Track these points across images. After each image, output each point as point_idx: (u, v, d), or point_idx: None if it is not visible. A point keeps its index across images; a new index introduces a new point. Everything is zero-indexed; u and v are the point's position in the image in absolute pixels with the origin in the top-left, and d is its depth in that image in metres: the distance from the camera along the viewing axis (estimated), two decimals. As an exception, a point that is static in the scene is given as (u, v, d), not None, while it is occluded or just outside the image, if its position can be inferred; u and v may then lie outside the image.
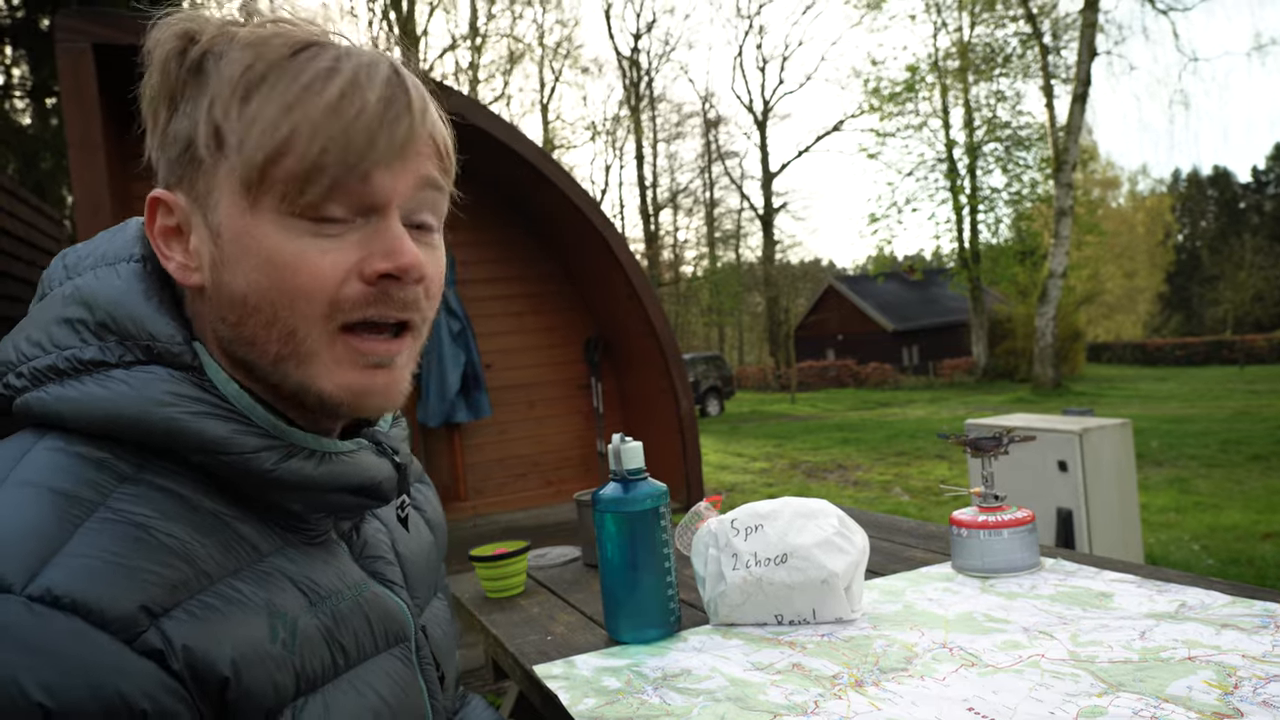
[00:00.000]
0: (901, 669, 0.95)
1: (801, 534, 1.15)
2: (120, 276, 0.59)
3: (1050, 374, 18.69)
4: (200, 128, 0.56)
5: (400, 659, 0.65)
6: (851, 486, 8.67)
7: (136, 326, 0.56)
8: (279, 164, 0.54)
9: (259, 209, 0.55)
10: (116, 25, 3.33)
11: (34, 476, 0.50)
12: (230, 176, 0.56)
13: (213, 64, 0.56)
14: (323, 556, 0.61)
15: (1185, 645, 0.92)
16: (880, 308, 32.74)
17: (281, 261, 0.55)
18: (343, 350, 0.57)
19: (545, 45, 30.24)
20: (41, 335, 0.57)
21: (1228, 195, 49.44)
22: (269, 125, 0.54)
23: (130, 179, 4.06)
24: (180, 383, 0.55)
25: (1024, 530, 1.25)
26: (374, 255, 0.57)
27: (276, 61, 0.55)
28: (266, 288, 0.55)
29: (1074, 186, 18.84)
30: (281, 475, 0.57)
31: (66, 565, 0.46)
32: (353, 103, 0.55)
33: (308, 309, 0.56)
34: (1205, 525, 5.85)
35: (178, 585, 0.49)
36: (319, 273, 0.56)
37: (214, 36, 0.57)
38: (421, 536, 0.77)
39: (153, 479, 0.53)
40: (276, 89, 0.55)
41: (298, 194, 0.55)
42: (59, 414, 0.54)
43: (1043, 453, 3.86)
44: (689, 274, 36.40)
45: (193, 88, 0.57)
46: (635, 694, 0.97)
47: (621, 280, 4.68)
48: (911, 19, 26.49)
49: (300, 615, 0.56)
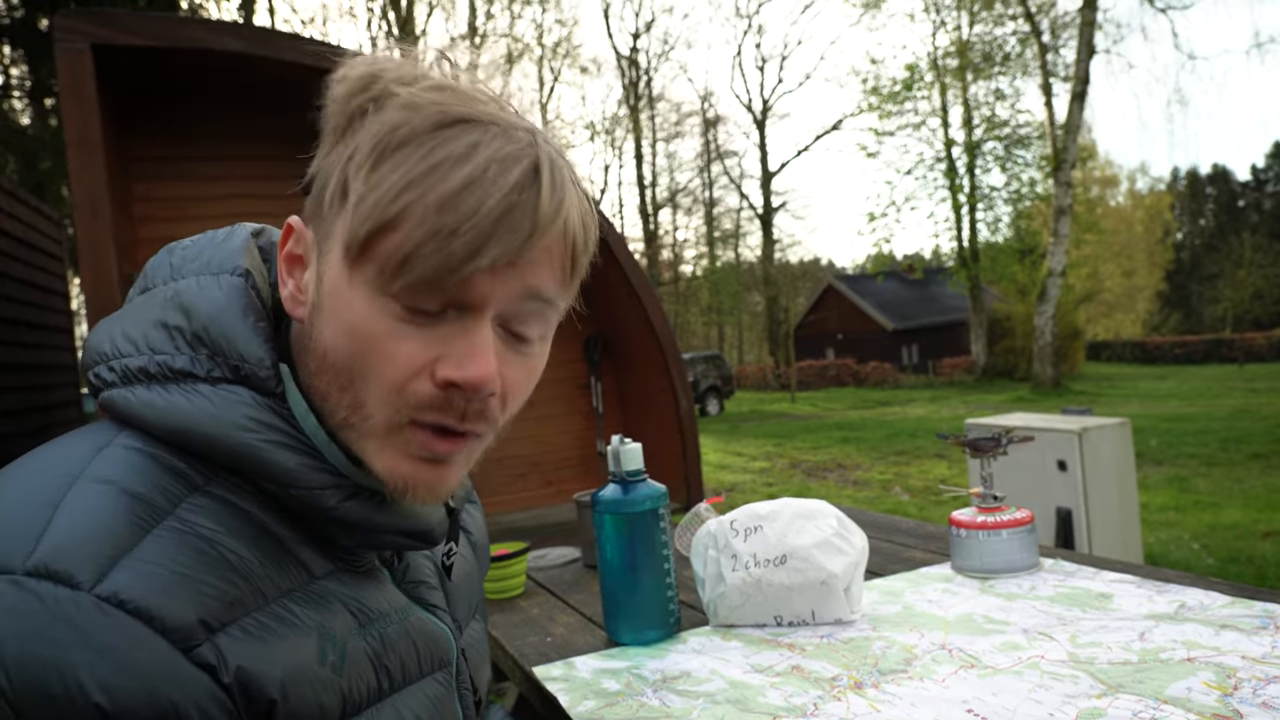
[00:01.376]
0: (901, 670, 0.95)
1: (801, 535, 1.15)
2: (222, 289, 0.59)
3: (1049, 373, 18.70)
4: (335, 175, 0.55)
5: (441, 684, 0.65)
6: (851, 486, 8.67)
7: (229, 344, 0.57)
8: (381, 240, 0.52)
9: (355, 276, 0.54)
10: (115, 25, 3.33)
11: (109, 473, 0.51)
12: (341, 232, 0.54)
13: (371, 114, 0.55)
14: (369, 582, 0.62)
15: (1185, 646, 0.92)
16: (880, 307, 32.75)
17: (362, 335, 0.54)
18: (401, 439, 0.56)
19: (544, 45, 30.25)
20: (138, 334, 0.58)
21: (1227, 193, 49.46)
22: (384, 199, 0.52)
23: (130, 179, 4.06)
24: (261, 409, 0.56)
25: (1023, 530, 1.25)
26: (448, 358, 0.54)
27: (417, 132, 0.53)
28: (345, 353, 0.55)
29: (1073, 185, 18.84)
30: (343, 514, 0.57)
31: (134, 569, 0.47)
32: (468, 201, 0.51)
33: (377, 390, 0.54)
34: (1205, 524, 5.85)
35: (235, 602, 0.50)
36: (393, 360, 0.54)
37: (383, 88, 0.55)
38: (465, 560, 0.78)
39: (220, 492, 0.54)
40: (405, 163, 0.52)
41: (391, 277, 0.52)
42: (142, 417, 0.55)
43: (1042, 452, 3.86)
44: (688, 273, 36.41)
45: (349, 132, 0.56)
46: (635, 696, 0.97)
47: (621, 279, 4.68)
48: (910, 18, 26.55)
49: (349, 638, 0.56)
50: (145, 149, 4.10)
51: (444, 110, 0.54)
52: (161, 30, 3.49)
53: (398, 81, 0.55)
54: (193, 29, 3.81)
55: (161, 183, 4.11)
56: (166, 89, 3.98)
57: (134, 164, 4.07)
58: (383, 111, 0.54)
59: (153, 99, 4.05)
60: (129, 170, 4.05)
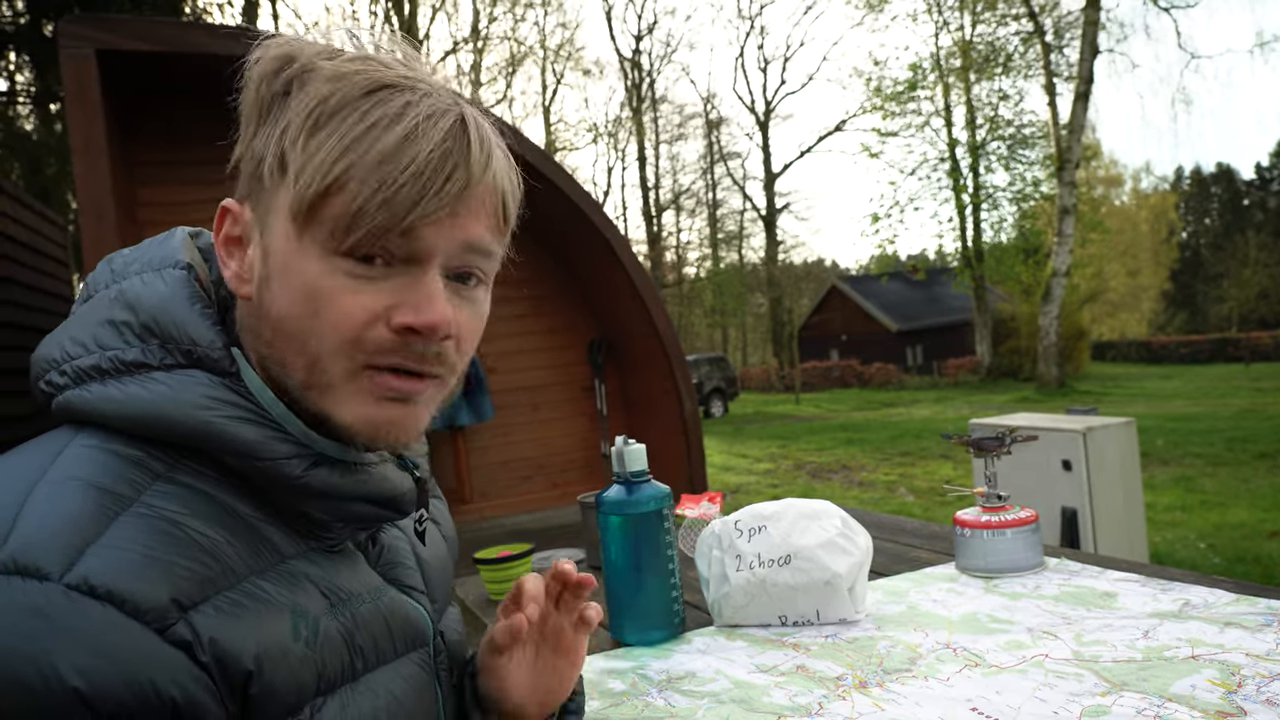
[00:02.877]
0: (905, 670, 0.95)
1: (805, 535, 1.15)
2: (165, 282, 0.60)
3: (1054, 373, 18.65)
4: (270, 151, 0.58)
5: (418, 664, 0.66)
6: (856, 487, 8.66)
7: (179, 331, 0.58)
8: (328, 202, 0.55)
9: (305, 240, 0.57)
10: (120, 31, 3.35)
11: (71, 471, 0.52)
12: (285, 203, 0.57)
13: (296, 90, 0.58)
14: (341, 562, 0.63)
15: (1189, 644, 0.91)
16: (884, 308, 32.70)
17: (315, 294, 0.56)
18: (363, 383, 0.58)
19: (547, 47, 30.29)
20: (86, 336, 0.59)
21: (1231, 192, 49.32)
22: (325, 163, 0.55)
23: (134, 184, 4.07)
24: (217, 387, 0.57)
25: (1027, 530, 1.24)
26: (403, 306, 0.57)
27: (348, 100, 0.56)
28: (299, 315, 0.57)
29: (1077, 184, 18.81)
30: (309, 482, 0.58)
31: (102, 556, 0.48)
32: (407, 153, 0.55)
33: (332, 343, 0.57)
34: (1211, 524, 5.84)
35: (206, 581, 0.51)
36: (348, 311, 0.56)
37: (304, 64, 0.58)
38: (437, 544, 0.79)
39: (184, 478, 0.55)
40: (341, 128, 0.56)
41: (341, 235, 0.56)
42: (100, 412, 0.55)
43: (1047, 452, 3.86)
44: (692, 275, 36.39)
45: (276, 110, 0.59)
46: (640, 696, 0.97)
47: (624, 282, 4.68)
48: (913, 19, 26.52)
49: (322, 616, 0.57)
50: (149, 153, 4.12)
51: (372, 78, 0.57)
52: (165, 35, 3.50)
53: (318, 57, 0.58)
54: (196, 34, 3.82)
55: (165, 186, 4.13)
56: (170, 93, 4.00)
57: (138, 168, 4.08)
58: (309, 85, 0.57)
59: (157, 103, 4.06)
60: (133, 174, 4.06)
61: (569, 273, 5.03)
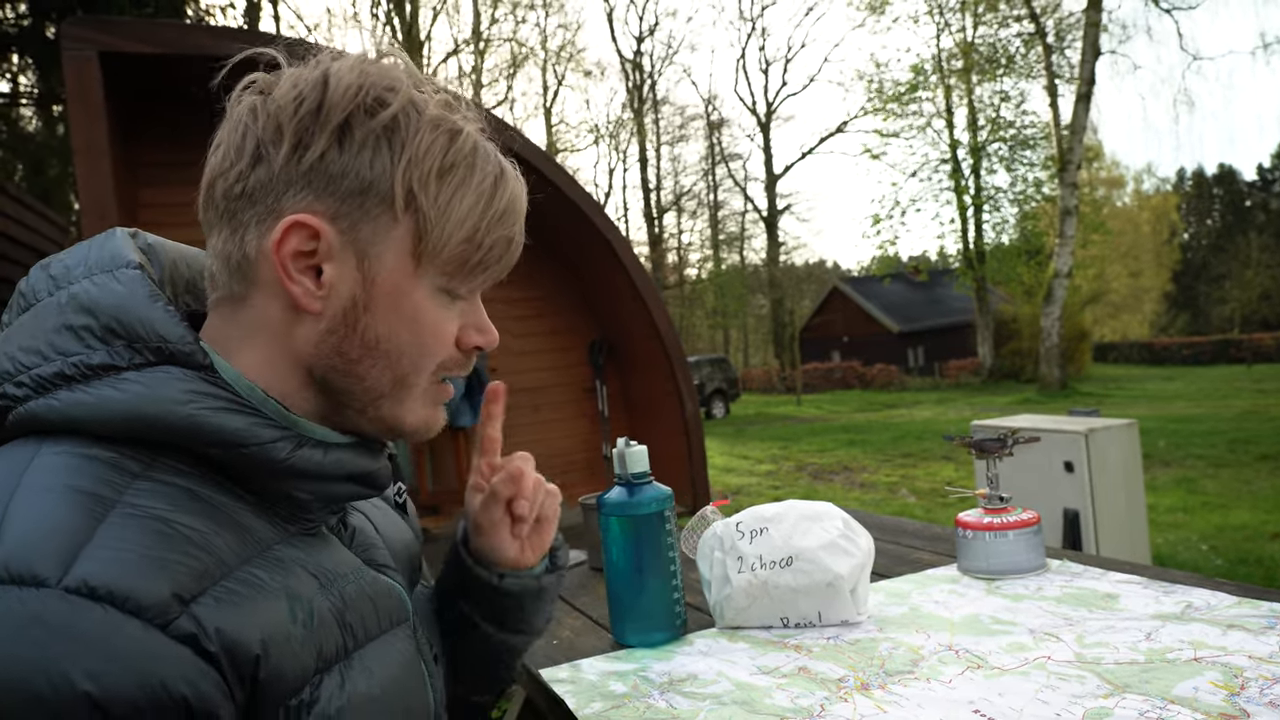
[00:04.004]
0: (907, 671, 0.95)
1: (806, 537, 1.15)
2: (120, 282, 0.59)
3: (1056, 374, 18.63)
4: (396, 185, 0.60)
5: (404, 639, 0.69)
6: (857, 488, 8.66)
7: (146, 329, 0.57)
8: (457, 251, 0.63)
9: (420, 275, 0.63)
10: (122, 33, 3.35)
11: (48, 479, 0.52)
12: (405, 239, 0.62)
13: (406, 126, 0.61)
14: (322, 545, 0.64)
15: (1191, 646, 0.91)
16: (885, 309, 32.69)
17: (425, 324, 0.64)
18: (431, 394, 0.67)
19: (548, 49, 30.31)
20: (40, 344, 0.57)
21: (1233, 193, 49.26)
22: (461, 217, 0.63)
23: (136, 185, 4.08)
24: (195, 381, 0.57)
25: (1029, 532, 1.24)
26: (470, 329, 0.68)
27: (463, 154, 0.63)
28: (404, 340, 0.63)
29: (1079, 186, 18.79)
30: (294, 463, 0.59)
31: (97, 557, 0.48)
32: (514, 209, 0.66)
33: (428, 365, 0.65)
34: (1214, 525, 5.83)
35: (202, 573, 0.51)
36: (445, 339, 0.66)
37: (403, 104, 0.61)
38: (401, 525, 0.82)
39: (161, 475, 0.55)
40: (467, 184, 0.63)
41: (461, 278, 0.65)
42: (72, 418, 0.55)
43: (1049, 454, 3.85)
44: (693, 277, 36.40)
45: (378, 137, 0.60)
46: (641, 698, 0.97)
47: (626, 283, 4.68)
48: (914, 20, 26.50)
49: (314, 597, 0.58)
50: (151, 155, 4.12)
51: (469, 135, 0.64)
52: (167, 37, 3.51)
53: (416, 101, 0.62)
54: (198, 36, 3.83)
55: (168, 188, 4.13)
56: (172, 95, 4.00)
57: (140, 170, 4.08)
58: (422, 128, 0.61)
59: (159, 105, 4.06)
60: (135, 176, 4.06)
61: (570, 274, 5.03)
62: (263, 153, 0.60)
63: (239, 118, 0.62)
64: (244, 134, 0.61)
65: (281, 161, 0.59)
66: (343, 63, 0.62)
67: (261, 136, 0.60)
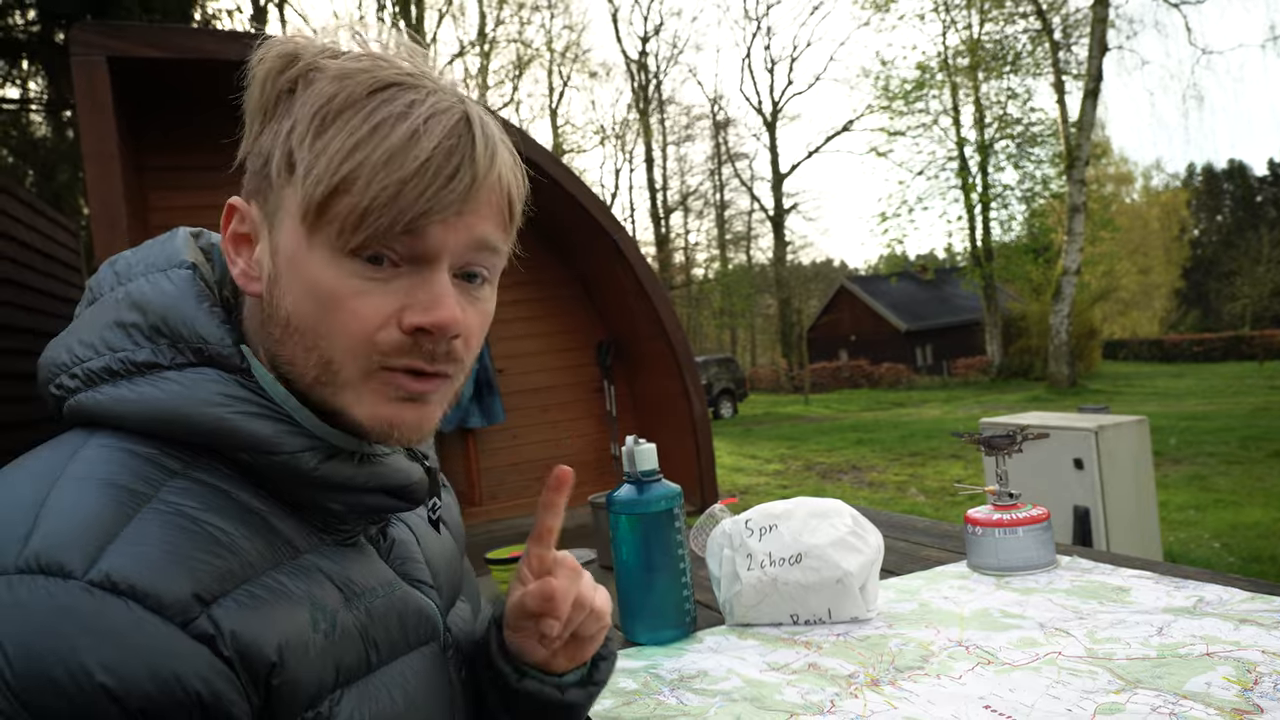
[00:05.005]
0: (917, 667, 0.95)
1: (816, 534, 1.15)
2: (172, 282, 0.61)
3: (1065, 372, 18.55)
4: (278, 150, 0.58)
5: (430, 657, 0.67)
6: (866, 487, 8.64)
7: (188, 330, 0.58)
8: (336, 202, 0.55)
9: (313, 240, 0.57)
10: (130, 38, 3.37)
11: (89, 471, 0.53)
12: (293, 202, 0.57)
13: (301, 89, 0.58)
14: (355, 556, 0.63)
15: (1204, 641, 0.91)
16: (893, 307, 32.61)
17: (324, 295, 0.57)
18: (377, 383, 0.58)
19: (553, 50, 30.33)
20: (94, 338, 0.59)
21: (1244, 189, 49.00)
22: (332, 162, 0.55)
23: (145, 189, 4.10)
24: (229, 384, 0.57)
25: (1039, 528, 1.24)
26: (414, 307, 0.57)
27: (355, 98, 0.56)
28: (308, 314, 0.57)
29: (1087, 183, 18.72)
30: (324, 474, 0.59)
31: (123, 552, 0.48)
32: (412, 152, 0.55)
33: (344, 345, 0.57)
34: (1226, 523, 5.80)
35: (225, 575, 0.51)
36: (358, 314, 0.57)
37: (308, 63, 0.59)
38: (444, 539, 0.79)
39: (199, 475, 0.55)
40: (347, 127, 0.56)
41: (349, 234, 0.56)
42: (114, 413, 0.56)
43: (1058, 451, 3.84)
44: (700, 276, 36.38)
45: (282, 108, 0.59)
46: (652, 695, 0.97)
47: (633, 283, 4.69)
48: (920, 18, 26.43)
49: (338, 609, 0.58)
50: (161, 159, 4.14)
51: (377, 76, 0.57)
52: (176, 42, 3.53)
53: (322, 55, 0.59)
54: (205, 40, 3.85)
55: (176, 191, 4.15)
56: (181, 99, 4.02)
57: (149, 173, 4.11)
58: (314, 84, 0.58)
59: (168, 109, 4.09)
60: (144, 179, 4.09)
61: (577, 275, 5.03)
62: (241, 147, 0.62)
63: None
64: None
65: (243, 152, 0.62)
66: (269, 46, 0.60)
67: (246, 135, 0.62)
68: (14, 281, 4.40)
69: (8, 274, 4.32)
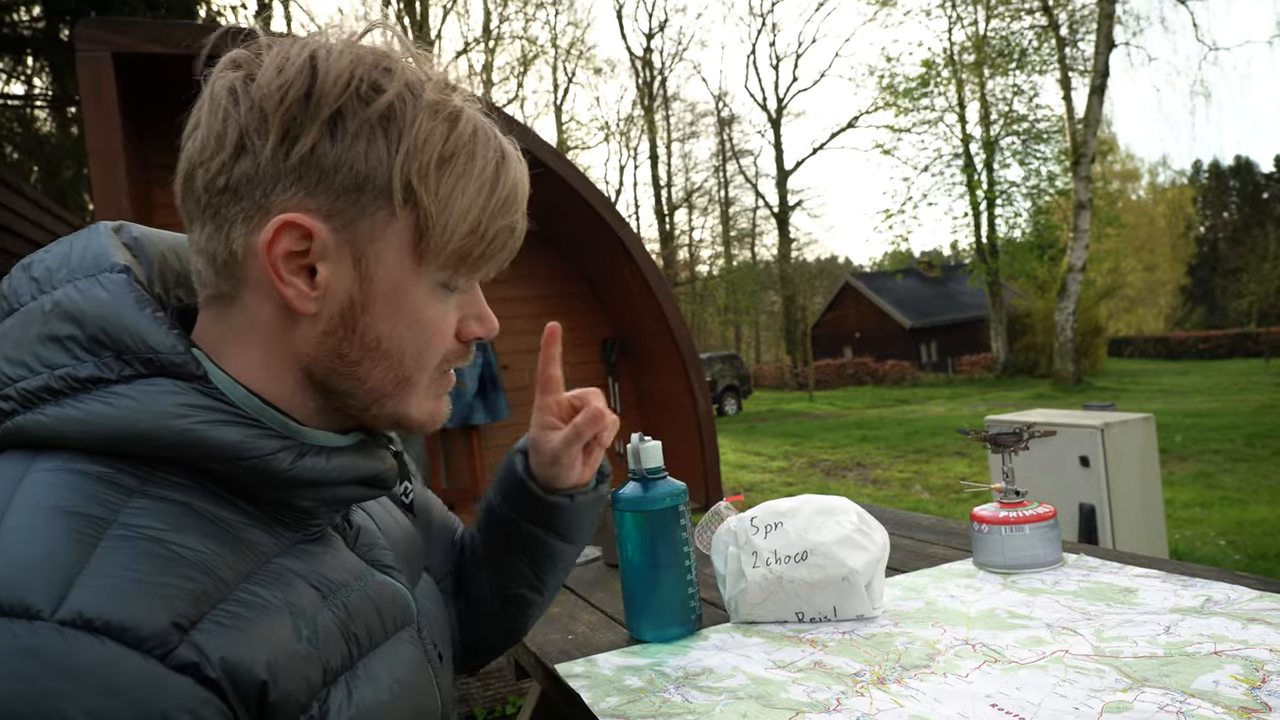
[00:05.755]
0: (924, 666, 0.94)
1: (821, 531, 1.15)
2: (106, 288, 0.56)
3: (1071, 369, 18.52)
4: (394, 178, 0.57)
5: (409, 641, 0.66)
6: (871, 484, 8.63)
7: (134, 339, 0.54)
8: (459, 245, 0.60)
9: (420, 271, 0.60)
10: (135, 34, 3.37)
11: (40, 499, 0.49)
12: (405, 235, 0.58)
13: (403, 113, 0.57)
14: (323, 551, 0.61)
15: (1211, 640, 0.91)
16: (897, 304, 32.57)
17: (427, 321, 0.62)
18: (434, 387, 0.66)
19: (558, 47, 30.32)
20: (24, 355, 0.55)
21: (1250, 186, 48.81)
22: (464, 210, 0.59)
23: (150, 186, 4.10)
24: (188, 393, 0.54)
25: (1045, 526, 1.24)
26: (469, 320, 0.66)
27: (463, 141, 0.59)
28: (406, 339, 0.61)
29: (1093, 179, 18.67)
30: (297, 473, 0.57)
31: (92, 586, 0.45)
32: (514, 201, 0.62)
33: (430, 362, 0.63)
34: (1231, 520, 5.78)
35: (200, 596, 0.49)
36: (446, 337, 0.64)
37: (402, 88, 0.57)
38: (400, 518, 0.79)
39: (158, 491, 0.52)
40: (469, 172, 0.59)
41: (463, 272, 0.62)
42: (61, 434, 0.52)
43: (1064, 448, 3.83)
44: (705, 273, 36.37)
45: (374, 127, 0.56)
46: (657, 692, 0.97)
47: (637, 280, 4.68)
48: (926, 14, 26.38)
49: (318, 611, 0.56)
50: (165, 156, 4.14)
51: (469, 118, 0.60)
52: (180, 38, 3.52)
53: (413, 84, 0.58)
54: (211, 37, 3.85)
55: (182, 189, 4.16)
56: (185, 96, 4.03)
57: (154, 171, 4.11)
58: (419, 116, 0.57)
59: (173, 106, 4.09)
60: (149, 177, 4.09)
61: (582, 272, 5.03)
62: (247, 144, 0.56)
63: (218, 100, 0.57)
64: (224, 119, 0.56)
65: (268, 154, 0.55)
66: (331, 43, 0.57)
67: (245, 125, 0.56)
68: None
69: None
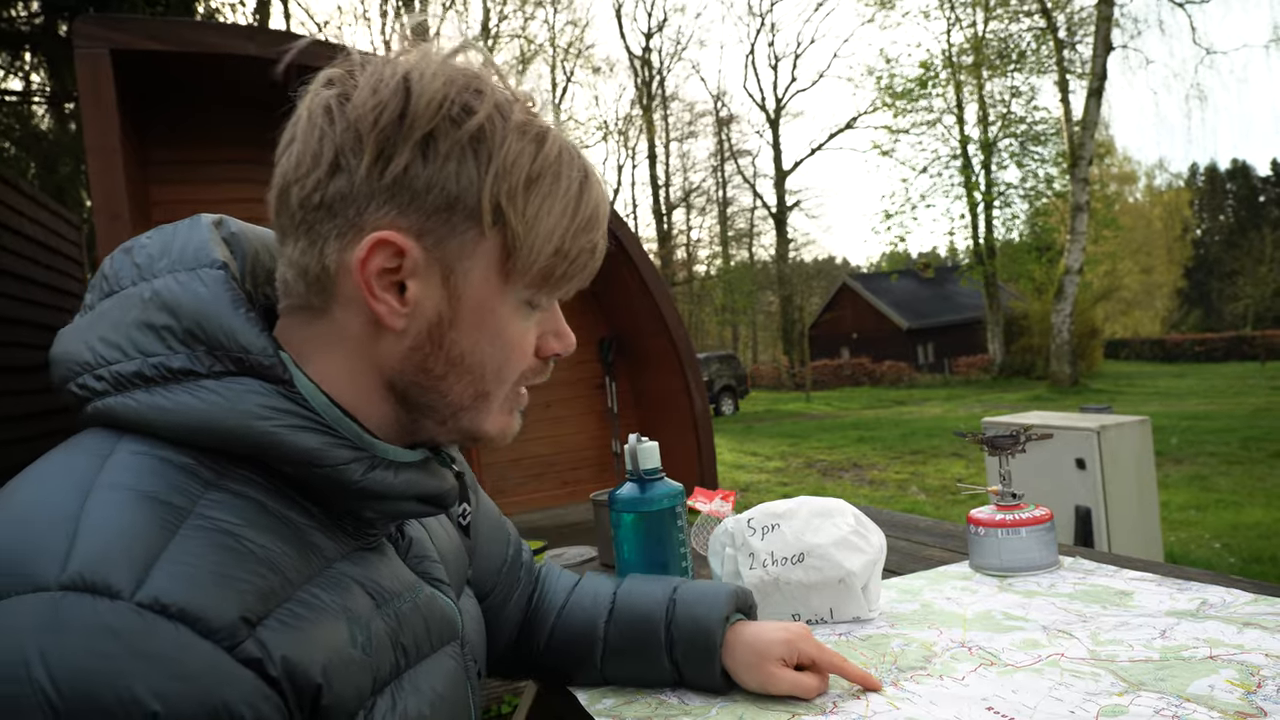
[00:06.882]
0: (920, 668, 0.94)
1: (818, 533, 1.15)
2: (204, 284, 0.58)
3: (1067, 371, 18.54)
4: (483, 199, 0.58)
5: (451, 656, 0.68)
6: (867, 485, 8.64)
7: (228, 338, 0.56)
8: (545, 264, 0.61)
9: (506, 290, 0.61)
10: (133, 31, 3.37)
11: (125, 480, 0.51)
12: (493, 254, 0.60)
13: (492, 135, 0.58)
14: (378, 560, 0.63)
15: (1207, 644, 0.91)
16: (894, 305, 32.60)
17: (510, 339, 0.63)
18: (508, 402, 0.67)
19: (557, 46, 30.30)
20: (120, 338, 0.56)
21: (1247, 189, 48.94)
22: (550, 230, 0.60)
23: (148, 183, 4.10)
24: (273, 396, 0.56)
25: (1042, 529, 1.24)
26: (549, 336, 0.67)
27: (549, 162, 0.60)
28: (490, 355, 0.62)
29: (1090, 181, 18.69)
30: (366, 485, 0.58)
31: (170, 572, 0.47)
32: (596, 222, 0.64)
33: (509, 377, 0.65)
34: (1226, 523, 5.79)
35: (268, 594, 0.51)
36: (527, 354, 0.65)
37: (492, 110, 0.58)
38: (453, 536, 0.81)
39: (234, 486, 0.54)
40: (554, 193, 0.60)
41: (547, 290, 0.63)
42: (148, 421, 0.54)
43: (1061, 451, 3.84)
44: (702, 273, 36.38)
45: (464, 148, 0.57)
46: (653, 693, 0.97)
47: (635, 280, 4.68)
48: (925, 15, 26.38)
49: (372, 618, 0.58)
50: (163, 153, 4.14)
51: (554, 138, 0.61)
52: (179, 35, 3.52)
53: (502, 106, 0.59)
54: (209, 34, 3.84)
55: (180, 186, 4.15)
56: (184, 93, 4.02)
57: (152, 167, 4.10)
58: (509, 138, 0.58)
59: (171, 103, 4.08)
60: (147, 174, 4.08)
61: (580, 271, 5.02)
62: (342, 162, 0.57)
63: (314, 118, 0.58)
64: (320, 138, 0.57)
65: (363, 173, 0.57)
66: (424, 64, 0.58)
67: (340, 144, 0.57)
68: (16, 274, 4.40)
69: (9, 267, 4.32)
